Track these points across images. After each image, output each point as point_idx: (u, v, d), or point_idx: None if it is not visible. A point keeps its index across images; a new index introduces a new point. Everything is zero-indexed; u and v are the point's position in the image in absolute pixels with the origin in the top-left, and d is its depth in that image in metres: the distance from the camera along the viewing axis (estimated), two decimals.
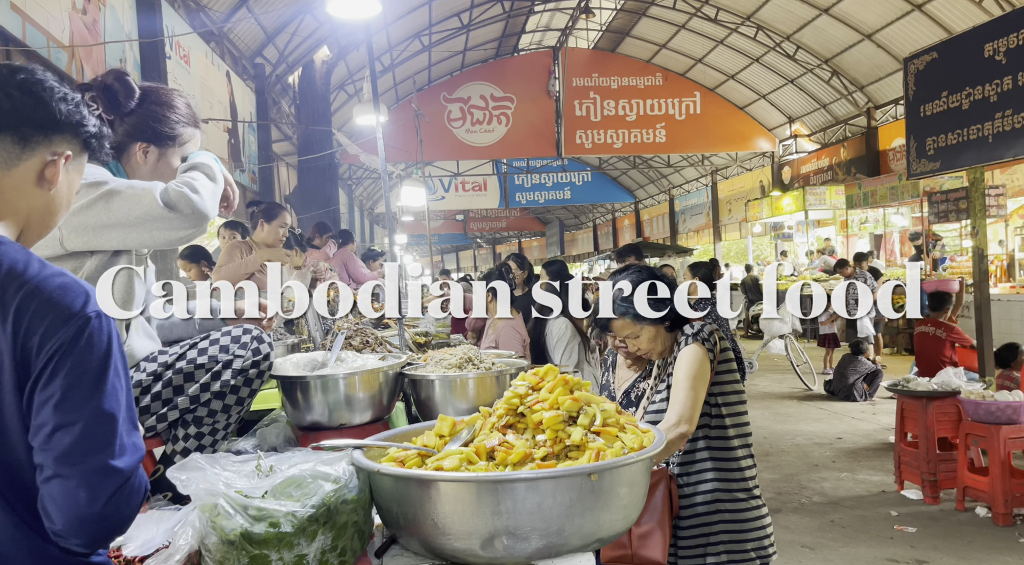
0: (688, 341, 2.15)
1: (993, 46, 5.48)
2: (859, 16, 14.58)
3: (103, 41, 6.52)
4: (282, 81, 13.00)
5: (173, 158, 1.75)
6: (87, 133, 1.13)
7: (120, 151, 1.71)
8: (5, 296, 0.98)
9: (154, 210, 1.53)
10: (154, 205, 1.54)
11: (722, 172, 23.46)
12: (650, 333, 2.20)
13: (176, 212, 1.55)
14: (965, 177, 9.70)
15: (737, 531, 2.13)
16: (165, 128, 1.71)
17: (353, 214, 23.23)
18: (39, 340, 0.98)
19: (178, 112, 1.74)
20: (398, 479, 1.37)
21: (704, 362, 2.12)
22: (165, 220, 1.54)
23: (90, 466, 1.00)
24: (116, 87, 1.67)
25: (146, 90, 1.74)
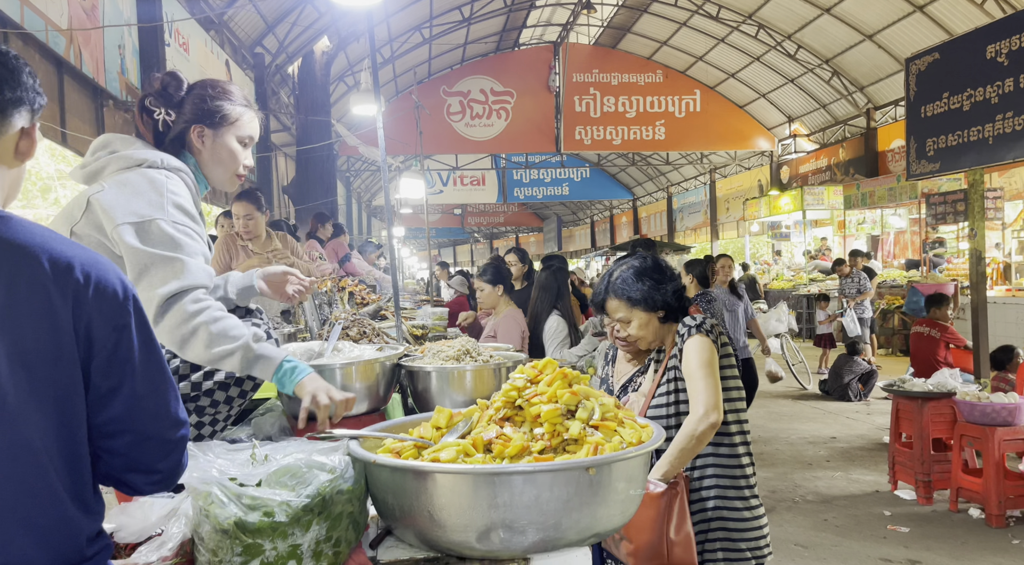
0: (692, 332, 2.13)
1: (995, 48, 5.48)
2: (860, 16, 14.56)
3: (102, 26, 6.47)
4: (281, 71, 12.93)
5: (228, 138, 1.77)
6: (37, 101, 1.14)
7: (182, 140, 1.75)
8: (59, 276, 1.00)
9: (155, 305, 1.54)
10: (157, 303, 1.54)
11: (720, 170, 23.46)
12: (642, 319, 2.18)
13: (166, 321, 1.54)
14: (964, 179, 9.71)
15: (734, 529, 2.12)
16: (212, 105, 1.74)
17: (351, 206, 23.17)
18: (102, 321, 1.03)
19: (224, 93, 1.77)
20: (394, 470, 1.36)
21: (713, 351, 2.10)
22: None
23: (169, 422, 1.12)
24: (167, 80, 1.74)
25: (196, 82, 1.80)
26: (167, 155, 1.69)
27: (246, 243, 3.86)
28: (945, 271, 12.06)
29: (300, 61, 12.17)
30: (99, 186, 1.61)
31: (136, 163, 1.63)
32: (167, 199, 1.59)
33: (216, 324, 1.55)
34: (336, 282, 2.87)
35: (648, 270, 2.19)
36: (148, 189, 1.58)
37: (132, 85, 7.25)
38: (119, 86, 6.96)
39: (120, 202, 1.56)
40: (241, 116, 1.78)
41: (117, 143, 1.69)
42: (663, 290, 2.17)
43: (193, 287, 1.56)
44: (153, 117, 1.73)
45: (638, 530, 1.90)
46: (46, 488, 1.00)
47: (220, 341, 1.55)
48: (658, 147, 20.57)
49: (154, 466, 1.12)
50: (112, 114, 6.98)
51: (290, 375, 1.61)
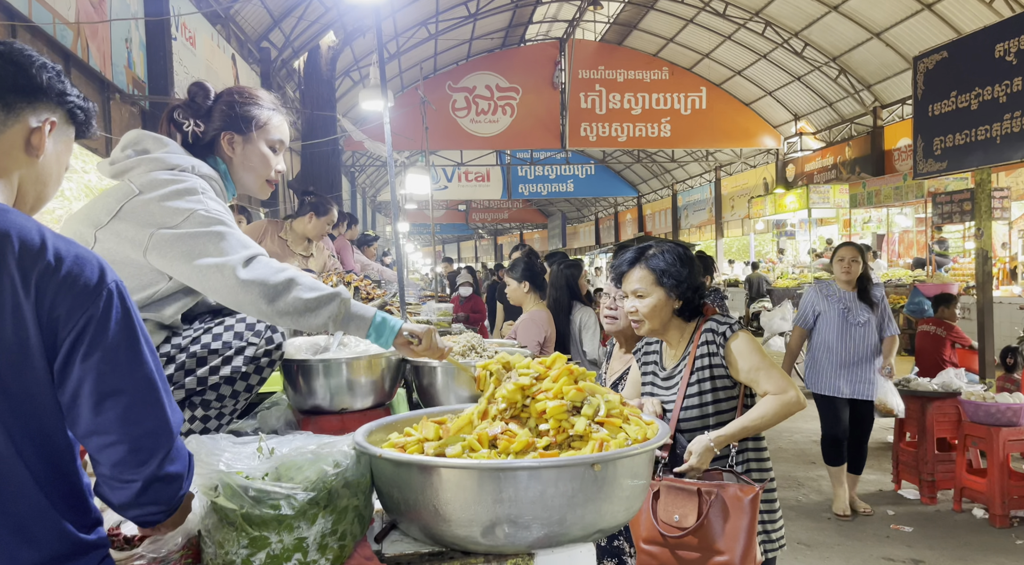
0: (733, 329, 2.17)
1: (1003, 47, 5.45)
2: (868, 14, 14.50)
3: (109, 20, 6.48)
4: (287, 66, 12.94)
5: (259, 144, 1.77)
6: (71, 103, 1.13)
7: (213, 147, 1.75)
8: (24, 268, 0.97)
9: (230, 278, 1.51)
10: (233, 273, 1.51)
11: (726, 168, 23.40)
12: (659, 299, 2.18)
13: (256, 287, 1.50)
14: (971, 178, 9.66)
15: (764, 512, 2.16)
16: (241, 111, 1.74)
17: (356, 201, 23.19)
18: (66, 313, 0.99)
19: (252, 98, 1.77)
20: (399, 465, 1.37)
21: (757, 341, 2.18)
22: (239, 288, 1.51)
23: (142, 430, 1.04)
24: (195, 91, 1.75)
25: (224, 89, 1.80)
26: (199, 161, 1.68)
27: (286, 237, 3.96)
28: (951, 271, 12.01)
29: (306, 56, 12.16)
30: (129, 187, 1.59)
31: (168, 167, 1.62)
32: (203, 197, 1.59)
33: (305, 277, 1.56)
34: (341, 277, 2.88)
35: (687, 259, 2.23)
36: (183, 192, 1.57)
37: (139, 79, 7.26)
38: (126, 80, 6.97)
39: (155, 209, 1.54)
40: (270, 120, 1.78)
41: (149, 142, 1.67)
42: (692, 282, 2.19)
43: (262, 253, 1.57)
44: (182, 129, 1.72)
45: (731, 539, 1.95)
46: (16, 485, 0.98)
47: (318, 290, 1.54)
48: (663, 144, 20.53)
49: (123, 476, 1.06)
50: (119, 107, 7.00)
51: (385, 327, 1.62)
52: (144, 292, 1.58)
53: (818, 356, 4.64)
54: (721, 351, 2.15)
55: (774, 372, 2.10)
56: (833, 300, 4.61)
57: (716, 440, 2.06)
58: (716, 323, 2.18)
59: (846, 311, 4.54)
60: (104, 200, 1.60)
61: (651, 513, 2.04)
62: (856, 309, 4.53)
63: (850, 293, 4.59)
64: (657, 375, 2.33)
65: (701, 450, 2.06)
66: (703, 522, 1.97)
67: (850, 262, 4.58)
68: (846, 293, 4.59)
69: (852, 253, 4.63)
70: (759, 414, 2.07)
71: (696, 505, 1.98)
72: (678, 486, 2.03)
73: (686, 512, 1.99)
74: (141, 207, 1.55)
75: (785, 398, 2.06)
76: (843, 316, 4.53)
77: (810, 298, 4.73)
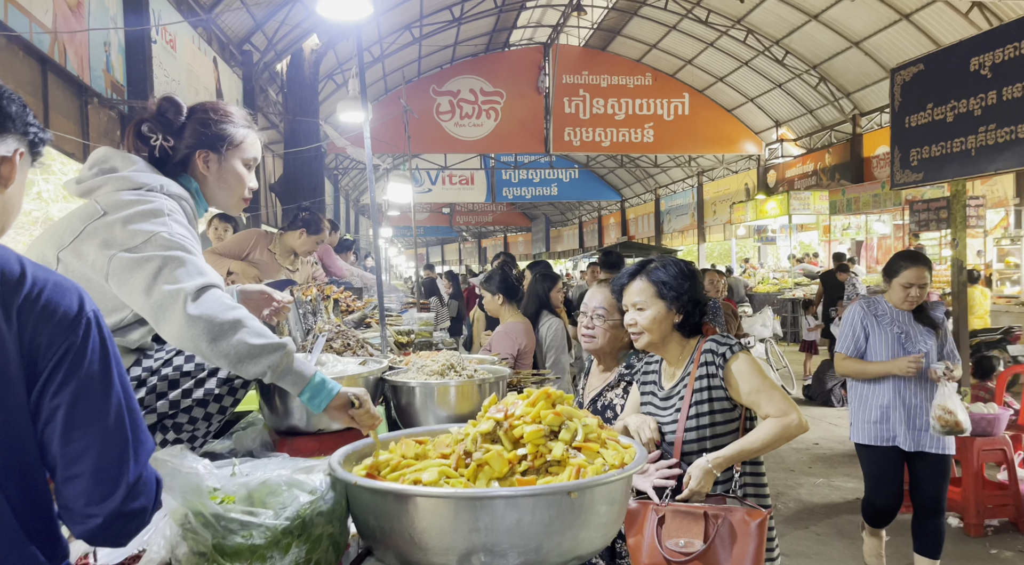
0: (733, 350, 2.14)
1: (979, 60, 5.54)
2: (847, 24, 14.68)
3: (87, 24, 6.40)
4: (270, 69, 12.85)
5: (234, 163, 1.74)
6: (34, 133, 1.11)
7: (186, 166, 1.71)
8: (5, 298, 0.97)
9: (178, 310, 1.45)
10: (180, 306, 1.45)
11: (708, 173, 23.57)
12: (659, 312, 2.17)
13: (201, 324, 1.44)
14: (947, 188, 9.81)
15: None
16: (216, 130, 1.70)
17: (339, 204, 23.07)
18: (46, 342, 0.99)
19: (227, 115, 1.74)
20: (375, 492, 1.35)
21: (757, 362, 2.17)
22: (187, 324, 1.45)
23: (107, 463, 1.04)
24: (165, 106, 1.70)
25: (195, 105, 1.76)
26: (168, 180, 1.65)
27: (274, 250, 3.95)
28: None
29: (289, 59, 12.11)
30: (94, 208, 1.55)
31: (135, 187, 1.58)
32: (168, 220, 1.55)
33: (254, 321, 1.50)
34: (321, 290, 2.85)
35: (689, 273, 2.23)
36: (148, 214, 1.53)
37: (117, 82, 7.17)
38: (104, 84, 6.88)
39: (118, 231, 1.50)
40: (245, 138, 1.75)
41: (117, 160, 1.63)
42: (693, 296, 2.19)
43: (217, 286, 1.52)
44: (149, 144, 1.67)
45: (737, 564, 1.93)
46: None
47: (265, 337, 1.48)
48: (647, 149, 20.64)
49: (86, 510, 1.04)
50: (96, 111, 6.91)
51: (322, 390, 1.54)
52: (113, 317, 1.55)
53: (865, 393, 3.63)
54: (720, 372, 2.12)
55: (775, 394, 2.08)
56: (885, 322, 3.58)
57: (715, 462, 2.03)
58: (716, 344, 2.16)
59: (903, 337, 3.55)
60: (68, 221, 1.57)
61: (656, 539, 2.00)
62: (915, 334, 3.55)
63: (906, 313, 3.58)
64: (656, 395, 2.30)
65: (700, 474, 2.03)
66: (710, 547, 1.94)
67: (919, 288, 3.49)
68: (901, 313, 3.58)
69: (923, 276, 3.48)
70: (760, 437, 2.05)
71: (703, 529, 1.96)
72: (684, 510, 2.00)
73: (692, 537, 1.97)
74: (104, 228, 1.51)
75: (787, 421, 2.04)
76: (899, 342, 3.54)
77: (856, 318, 3.67)
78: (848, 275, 10.22)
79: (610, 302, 2.47)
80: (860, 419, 3.65)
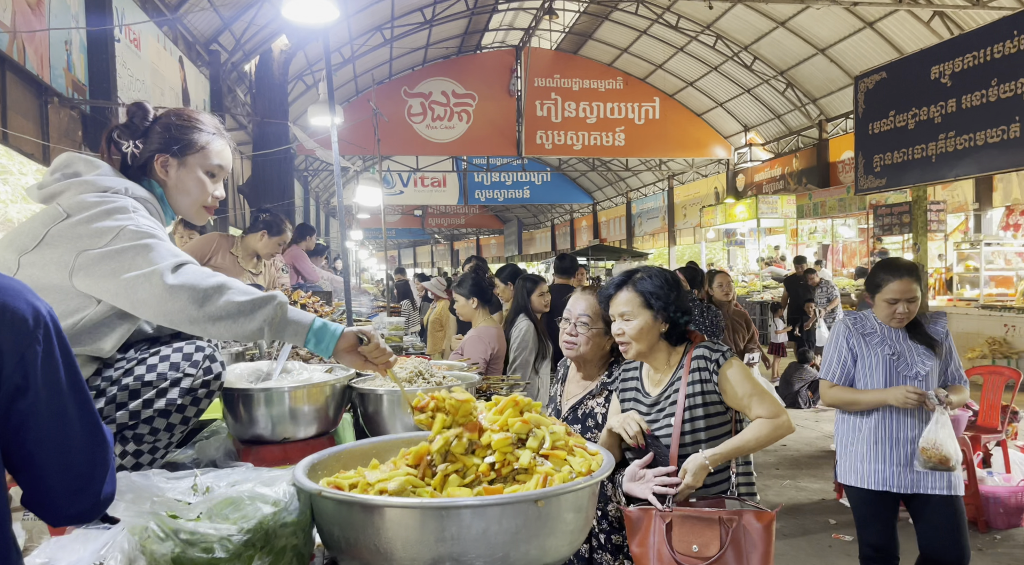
0: (726, 356, 2.20)
1: (939, 69, 5.68)
2: (813, 31, 14.97)
3: (48, 22, 6.25)
4: (238, 69, 12.68)
5: (194, 169, 1.71)
6: None
7: (147, 169, 1.69)
8: None
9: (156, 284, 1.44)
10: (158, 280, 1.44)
11: (678, 177, 23.82)
12: (645, 322, 2.21)
13: (183, 291, 1.43)
14: (909, 193, 10.04)
15: None
16: (176, 134, 1.68)
17: (309, 207, 22.84)
18: (9, 346, 0.97)
19: (191, 121, 1.72)
20: (340, 503, 1.34)
21: (747, 368, 2.24)
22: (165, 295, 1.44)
23: (82, 458, 1.05)
24: (133, 110, 1.70)
25: (164, 110, 1.74)
26: (132, 183, 1.62)
27: (236, 253, 3.89)
28: None
29: (257, 59, 11.95)
30: (57, 211, 1.52)
31: (99, 190, 1.56)
32: (133, 215, 1.53)
33: (237, 282, 1.48)
34: (288, 294, 2.81)
35: (675, 283, 2.27)
36: (112, 211, 1.51)
37: (79, 82, 7.02)
38: (65, 83, 6.73)
39: (83, 232, 1.48)
40: (208, 145, 1.72)
41: (80, 164, 1.61)
42: (679, 305, 2.24)
43: (194, 263, 1.50)
44: (121, 150, 1.66)
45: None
46: None
47: (251, 294, 1.47)
48: (618, 153, 20.80)
49: (63, 513, 1.07)
50: (57, 111, 6.75)
51: (326, 333, 1.54)
52: (70, 318, 1.51)
53: (851, 426, 3.08)
54: (715, 377, 2.18)
55: (766, 397, 2.16)
56: (875, 341, 3.00)
57: (711, 458, 2.09)
58: (708, 350, 2.21)
59: (895, 358, 2.95)
60: (30, 225, 1.53)
61: (667, 544, 2.02)
62: (910, 354, 2.96)
63: (898, 331, 3.00)
64: (640, 401, 2.31)
65: (696, 468, 2.07)
66: (726, 551, 1.97)
67: (908, 303, 2.91)
68: (892, 331, 3.00)
69: (911, 288, 2.89)
70: (753, 435, 2.12)
71: (717, 534, 1.99)
72: (695, 515, 2.03)
73: (706, 540, 1.99)
74: (68, 230, 1.48)
75: (778, 422, 2.13)
76: (891, 365, 2.95)
77: (840, 338, 3.08)
78: (818, 278, 10.39)
79: (594, 309, 2.46)
80: (847, 455, 3.07)
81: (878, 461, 2.96)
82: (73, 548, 1.37)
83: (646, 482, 2.11)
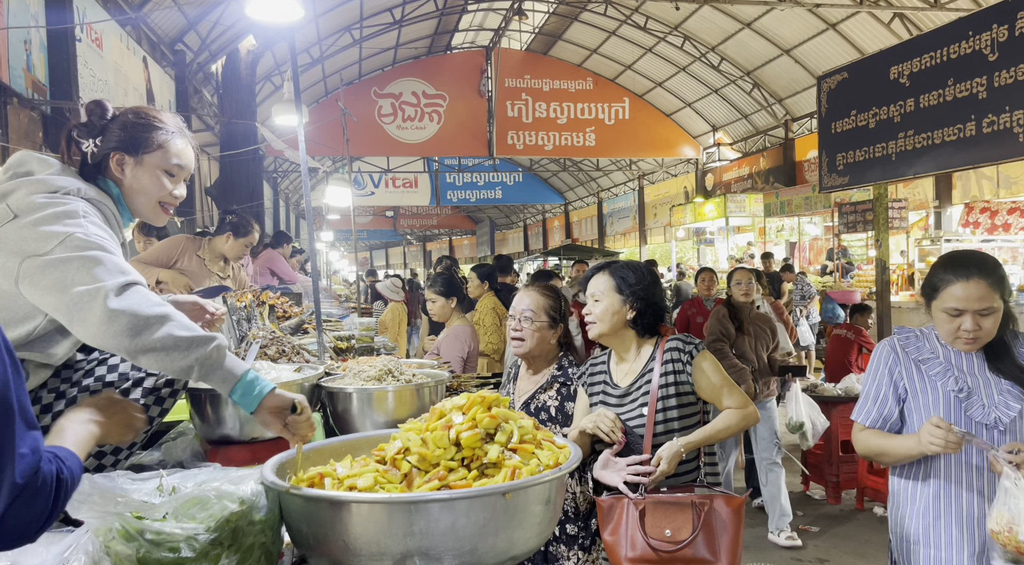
0: (698, 348, 2.30)
1: (898, 69, 5.82)
2: (778, 32, 15.22)
3: (6, 20, 6.11)
4: (204, 69, 12.50)
5: (149, 167, 1.67)
6: None
7: (102, 167, 1.65)
8: None
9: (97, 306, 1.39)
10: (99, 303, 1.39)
11: (648, 177, 24.03)
12: (612, 305, 2.30)
13: (122, 318, 1.38)
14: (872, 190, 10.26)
15: None
16: (132, 132, 1.65)
17: (278, 208, 22.58)
18: None
19: (148, 118, 1.68)
20: (308, 500, 1.34)
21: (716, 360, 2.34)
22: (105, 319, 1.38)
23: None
24: (91, 108, 1.66)
25: (123, 109, 1.70)
26: (86, 184, 1.58)
27: (203, 256, 3.84)
28: (855, 278, 12.69)
29: (224, 60, 11.79)
30: (5, 211, 1.48)
31: (50, 190, 1.51)
32: (83, 221, 1.48)
33: (181, 317, 1.44)
34: (256, 296, 2.79)
35: (650, 276, 2.37)
36: (62, 215, 1.47)
37: (39, 82, 6.86)
38: (24, 83, 6.57)
39: (28, 235, 1.43)
40: (167, 143, 1.68)
41: (33, 163, 1.57)
42: (650, 297, 2.32)
43: (141, 284, 1.45)
44: (82, 149, 1.63)
45: (722, 548, 2.04)
46: None
47: (193, 330, 1.42)
48: (588, 153, 20.91)
49: None
50: (16, 112, 6.59)
51: (254, 388, 1.48)
52: (22, 327, 1.46)
53: (904, 493, 2.14)
54: (688, 368, 2.26)
55: (735, 389, 2.27)
56: (934, 371, 2.07)
57: (686, 445, 2.16)
58: (682, 342, 2.30)
59: (963, 397, 2.02)
60: None
61: (640, 531, 2.07)
62: (988, 391, 2.01)
63: (971, 356, 2.06)
64: (609, 393, 2.35)
65: (670, 455, 2.13)
66: (698, 534, 2.04)
67: (980, 316, 1.96)
68: (961, 356, 2.07)
69: (985, 295, 1.95)
70: (723, 425, 2.21)
71: (689, 517, 2.05)
72: (668, 501, 2.09)
73: (679, 525, 2.05)
74: (15, 232, 1.44)
75: (746, 412, 2.24)
76: (956, 406, 2.02)
77: (883, 366, 2.17)
78: (794, 276, 10.52)
79: (537, 304, 2.53)
80: (899, 532, 2.14)
81: (939, 547, 2.02)
82: (36, 551, 1.36)
83: (618, 470, 2.15)
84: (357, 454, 1.59)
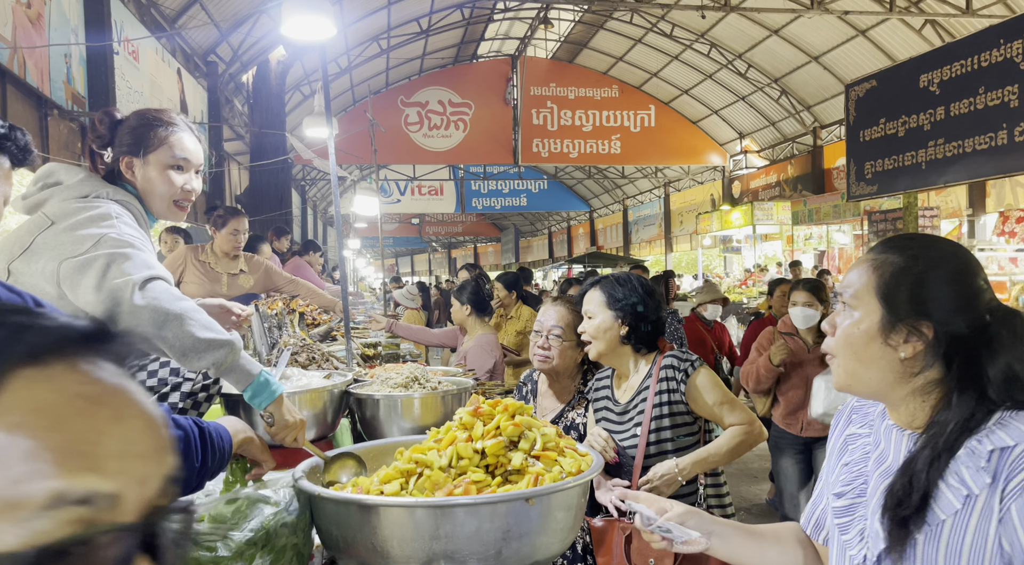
0: (695, 365, 2.18)
1: (928, 77, 5.76)
2: (807, 39, 15.09)
3: (48, 35, 6.32)
4: (235, 80, 12.76)
5: (156, 165, 1.71)
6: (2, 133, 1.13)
7: (119, 174, 1.72)
8: None
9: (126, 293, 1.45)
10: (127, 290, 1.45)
11: (674, 184, 23.92)
12: (604, 322, 2.21)
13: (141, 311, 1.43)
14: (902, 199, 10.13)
15: None
16: (135, 134, 1.71)
17: (306, 216, 22.89)
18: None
19: (149, 118, 1.73)
20: (338, 503, 1.39)
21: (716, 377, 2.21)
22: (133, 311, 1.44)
23: None
24: (100, 117, 1.72)
25: (128, 115, 1.75)
26: (113, 187, 1.66)
27: (207, 259, 3.84)
28: None
29: (255, 70, 12.04)
30: (42, 219, 1.57)
31: (81, 195, 1.60)
32: (116, 222, 1.56)
33: (202, 314, 1.49)
34: (287, 303, 2.86)
35: (644, 289, 2.26)
36: (96, 218, 1.54)
37: (79, 94, 7.08)
38: (65, 95, 6.79)
39: (66, 239, 1.51)
40: (168, 138, 1.72)
41: (61, 173, 1.65)
42: (645, 313, 2.21)
43: (166, 279, 1.52)
44: (104, 159, 1.71)
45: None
46: None
47: (212, 330, 1.48)
48: (614, 161, 20.88)
49: None
50: (56, 123, 6.81)
51: (265, 389, 1.55)
52: None
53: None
54: (682, 387, 2.15)
55: (738, 405, 2.14)
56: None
57: (681, 466, 2.05)
58: (677, 359, 2.19)
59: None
60: (18, 234, 1.58)
61: (626, 558, 1.99)
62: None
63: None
64: (611, 410, 2.29)
65: (666, 471, 2.05)
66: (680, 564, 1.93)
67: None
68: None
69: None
70: (725, 443, 2.09)
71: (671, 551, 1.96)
72: None
73: (661, 555, 1.94)
74: (53, 238, 1.52)
75: (751, 429, 2.10)
76: None
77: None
78: (830, 285, 10.38)
79: (566, 321, 2.45)
80: None
81: None
82: None
83: (606, 491, 2.10)
84: (384, 460, 1.63)
